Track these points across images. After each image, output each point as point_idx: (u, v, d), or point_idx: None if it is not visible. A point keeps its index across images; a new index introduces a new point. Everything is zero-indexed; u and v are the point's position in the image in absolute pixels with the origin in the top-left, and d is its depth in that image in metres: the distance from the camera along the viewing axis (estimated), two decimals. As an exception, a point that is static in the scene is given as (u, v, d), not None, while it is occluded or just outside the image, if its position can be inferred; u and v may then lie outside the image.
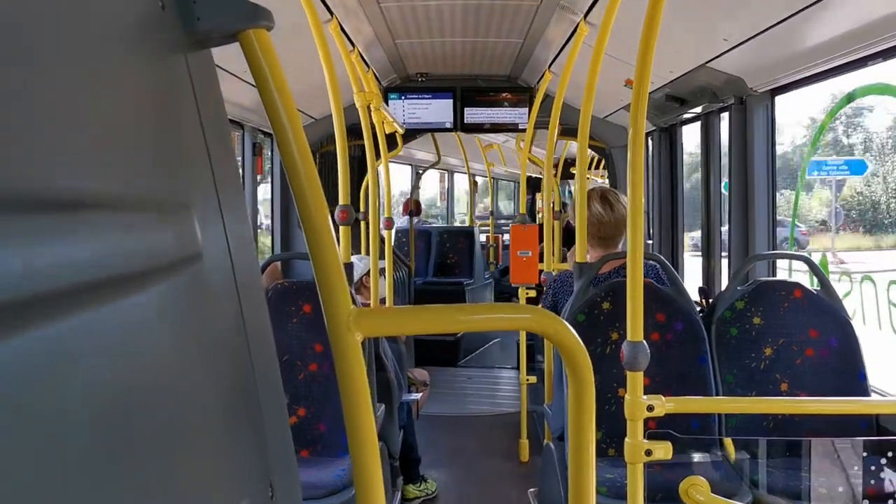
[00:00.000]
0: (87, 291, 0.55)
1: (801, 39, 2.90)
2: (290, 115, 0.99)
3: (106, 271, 0.59)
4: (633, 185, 1.93)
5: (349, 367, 1.01)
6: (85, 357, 0.55)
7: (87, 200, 0.60)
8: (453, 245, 8.51)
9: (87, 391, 0.55)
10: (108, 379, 0.59)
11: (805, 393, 2.80)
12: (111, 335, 0.61)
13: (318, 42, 2.77)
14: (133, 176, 0.72)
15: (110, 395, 0.58)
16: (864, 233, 7.33)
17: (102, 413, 0.56)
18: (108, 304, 0.60)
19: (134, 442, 0.62)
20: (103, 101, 0.67)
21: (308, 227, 1.00)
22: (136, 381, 0.65)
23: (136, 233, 0.70)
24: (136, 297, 0.66)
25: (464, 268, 8.42)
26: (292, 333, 2.98)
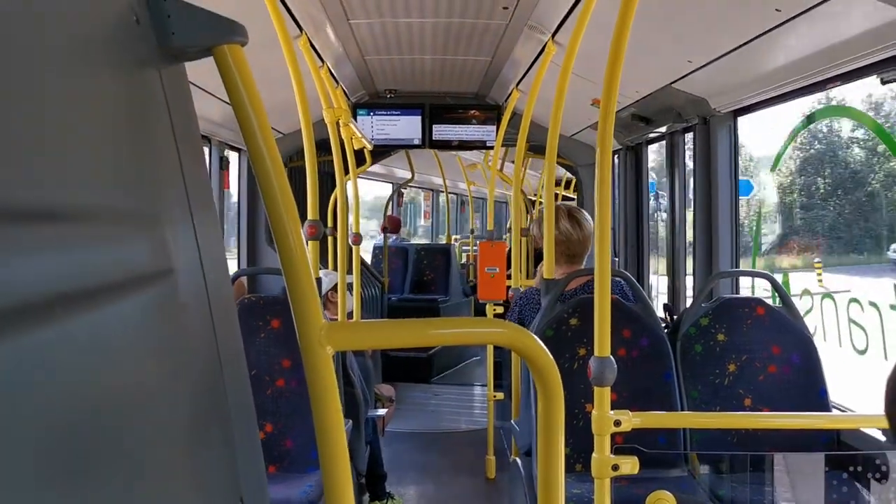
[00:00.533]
0: (56, 305, 0.55)
1: (762, 62, 2.97)
2: (263, 130, 0.99)
3: (76, 285, 0.59)
4: (600, 202, 1.95)
5: (321, 381, 1.01)
6: (52, 371, 0.54)
7: (58, 213, 0.59)
8: (430, 262, 8.51)
9: (55, 405, 0.54)
10: (77, 393, 0.58)
11: (768, 408, 2.84)
12: (81, 349, 0.60)
13: (288, 58, 2.77)
14: (105, 189, 0.72)
15: (78, 410, 0.58)
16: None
17: (70, 427, 0.56)
18: (78, 317, 0.59)
19: (102, 457, 0.61)
20: (76, 114, 0.67)
21: (281, 242, 1.00)
22: (106, 395, 0.64)
23: (108, 246, 0.69)
24: (106, 311, 0.66)
25: (440, 285, 8.41)
26: (260, 348, 2.96)
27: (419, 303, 7.97)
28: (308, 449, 2.93)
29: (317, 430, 1.01)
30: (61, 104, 0.64)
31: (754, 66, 3.04)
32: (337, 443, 1.01)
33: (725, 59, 2.97)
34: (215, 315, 0.97)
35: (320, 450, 1.00)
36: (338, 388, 3.08)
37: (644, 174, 5.11)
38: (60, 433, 0.54)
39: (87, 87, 0.71)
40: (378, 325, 1.06)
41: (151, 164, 0.86)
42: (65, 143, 0.64)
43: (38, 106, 0.58)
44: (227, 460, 0.95)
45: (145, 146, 0.86)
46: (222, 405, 0.96)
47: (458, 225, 17.81)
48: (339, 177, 3.79)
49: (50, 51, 0.63)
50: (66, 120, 0.64)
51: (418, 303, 7.98)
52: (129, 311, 0.71)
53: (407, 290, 8.44)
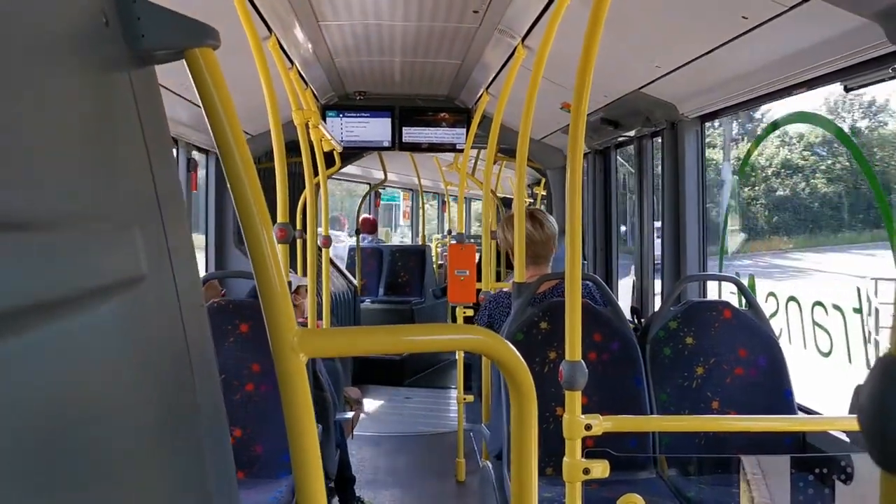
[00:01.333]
0: (22, 314, 0.54)
1: (729, 68, 3.01)
2: (235, 134, 0.98)
3: (45, 293, 0.57)
4: (571, 205, 1.96)
5: (293, 388, 1.00)
6: (20, 380, 0.53)
7: (24, 219, 0.58)
8: (405, 264, 8.46)
9: (22, 414, 0.53)
10: (45, 401, 0.57)
11: (735, 411, 2.88)
12: (49, 357, 0.59)
13: (258, 59, 2.75)
14: (73, 194, 0.70)
15: (46, 419, 0.57)
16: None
17: (38, 436, 0.54)
18: (45, 326, 0.58)
19: (70, 466, 0.60)
20: (42, 117, 0.66)
21: (253, 247, 0.99)
22: (75, 403, 0.63)
23: (77, 253, 0.68)
24: (75, 320, 0.65)
25: (414, 287, 8.38)
26: (229, 353, 2.92)
27: (393, 305, 7.93)
28: (278, 454, 2.90)
29: (290, 437, 1.00)
30: (26, 106, 0.62)
31: (721, 72, 3.08)
32: (310, 449, 1.00)
33: (693, 64, 3.01)
34: (186, 321, 0.96)
35: (293, 456, 1.00)
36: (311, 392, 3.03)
37: (613, 178, 5.15)
38: (27, 442, 0.53)
39: (53, 89, 0.69)
40: (352, 332, 1.06)
41: (121, 169, 0.84)
42: (31, 147, 0.62)
43: (1, 107, 0.57)
44: (198, 467, 0.94)
45: (114, 150, 0.84)
46: (193, 412, 0.95)
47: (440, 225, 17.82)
48: (308, 179, 3.77)
49: (15, 51, 0.61)
50: (32, 123, 0.63)
51: (392, 305, 7.94)
52: (99, 318, 0.70)
53: (381, 292, 8.40)
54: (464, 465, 4.82)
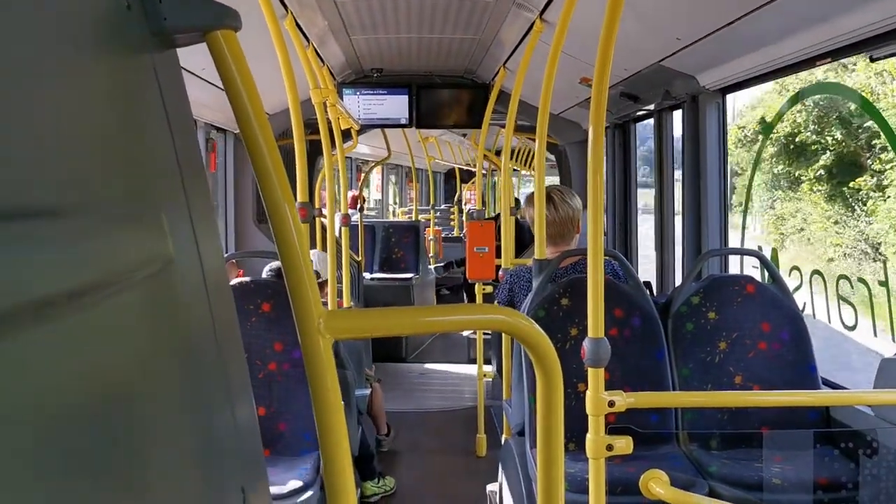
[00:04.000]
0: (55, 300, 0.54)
1: (750, 40, 2.96)
2: (257, 114, 0.98)
3: (75, 278, 0.58)
4: (593, 182, 1.94)
5: (320, 370, 1.00)
6: (57, 361, 0.54)
7: (51, 206, 0.58)
8: (399, 240, 8.44)
9: (59, 394, 0.53)
10: (81, 382, 0.58)
11: (758, 385, 2.86)
12: (83, 341, 0.60)
13: (275, 38, 2.74)
14: (100, 178, 0.71)
15: (82, 399, 0.57)
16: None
17: (74, 417, 0.55)
18: (76, 311, 0.59)
19: (106, 446, 0.61)
20: (67, 102, 0.66)
21: (278, 229, 0.99)
22: (109, 384, 0.63)
23: (106, 237, 0.68)
24: (106, 304, 0.65)
25: (409, 263, 8.36)
26: (251, 332, 2.94)
27: (392, 282, 7.92)
28: (301, 431, 2.93)
29: (316, 417, 1.00)
30: (52, 92, 0.62)
31: (743, 43, 3.03)
32: (336, 427, 1.01)
33: (715, 35, 2.96)
34: (213, 301, 0.96)
35: (320, 434, 1.00)
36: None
37: (632, 152, 5.11)
38: (64, 423, 0.53)
39: (77, 73, 0.69)
40: (377, 313, 1.06)
41: (147, 152, 0.84)
42: (57, 133, 0.62)
43: (27, 94, 0.57)
44: (228, 446, 0.95)
45: (140, 134, 0.84)
46: (222, 392, 0.96)
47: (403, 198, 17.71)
48: (326, 157, 3.77)
49: (39, 35, 0.61)
50: (58, 108, 0.63)
51: (391, 282, 7.93)
52: (129, 302, 0.70)
53: (376, 268, 8.40)
54: (485, 440, 4.85)
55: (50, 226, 0.55)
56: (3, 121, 0.52)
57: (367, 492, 4.11)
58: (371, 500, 4.14)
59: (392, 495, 4.26)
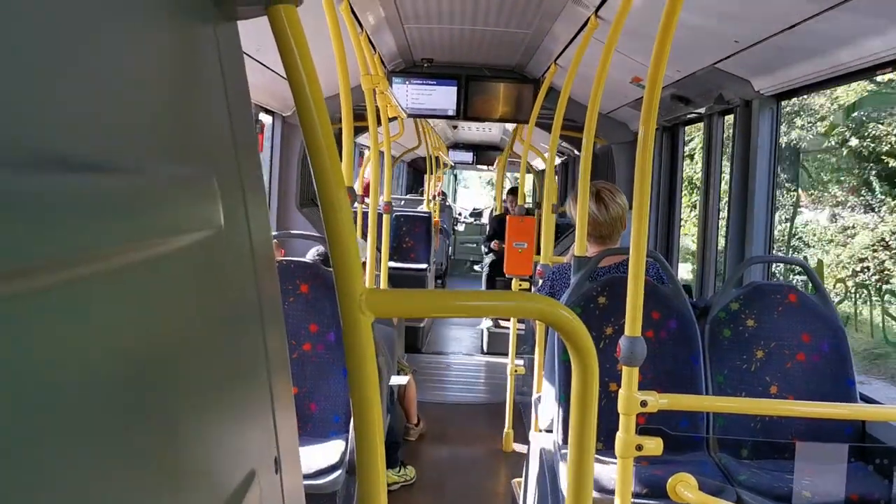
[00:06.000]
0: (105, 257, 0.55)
1: (810, 45, 2.91)
2: (315, 94, 0.99)
3: (126, 237, 0.59)
4: (640, 183, 1.93)
5: (359, 347, 1.02)
6: (106, 319, 0.55)
7: (109, 165, 0.60)
8: (409, 230, 8.39)
9: (107, 352, 0.55)
10: (127, 342, 0.59)
11: (794, 396, 2.82)
12: (132, 301, 0.62)
13: (330, 23, 2.76)
14: (155, 139, 0.72)
15: (121, 359, 0.59)
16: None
17: (112, 375, 0.57)
18: (127, 271, 0.60)
19: (147, 404, 0.63)
20: (127, 63, 0.67)
21: (326, 207, 1.01)
22: (151, 348, 0.65)
23: (162, 200, 0.70)
24: (152, 265, 0.67)
25: (420, 253, 8.34)
26: (288, 312, 2.98)
27: (407, 272, 7.91)
28: (331, 413, 2.97)
29: (352, 395, 1.02)
30: (112, 51, 0.64)
31: (802, 48, 2.98)
32: (372, 408, 1.01)
33: (773, 39, 2.92)
34: (259, 274, 0.98)
35: (355, 414, 1.01)
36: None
37: (679, 155, 5.06)
38: (102, 381, 0.55)
39: (139, 35, 0.71)
40: (416, 294, 1.07)
41: (202, 120, 0.86)
42: (116, 92, 0.64)
43: (89, 52, 0.59)
44: (266, 418, 0.97)
45: (196, 101, 0.86)
46: (262, 364, 0.98)
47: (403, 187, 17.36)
48: (373, 145, 3.79)
49: (106, 5, 0.63)
50: (118, 70, 0.65)
51: (406, 272, 7.91)
52: (176, 265, 0.72)
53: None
54: (511, 435, 4.85)
55: (103, 181, 0.57)
56: (68, 78, 0.54)
57: (387, 480, 4.13)
58: (391, 488, 4.17)
59: (412, 485, 4.28)
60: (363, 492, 1.04)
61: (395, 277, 7.71)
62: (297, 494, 1.08)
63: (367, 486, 1.04)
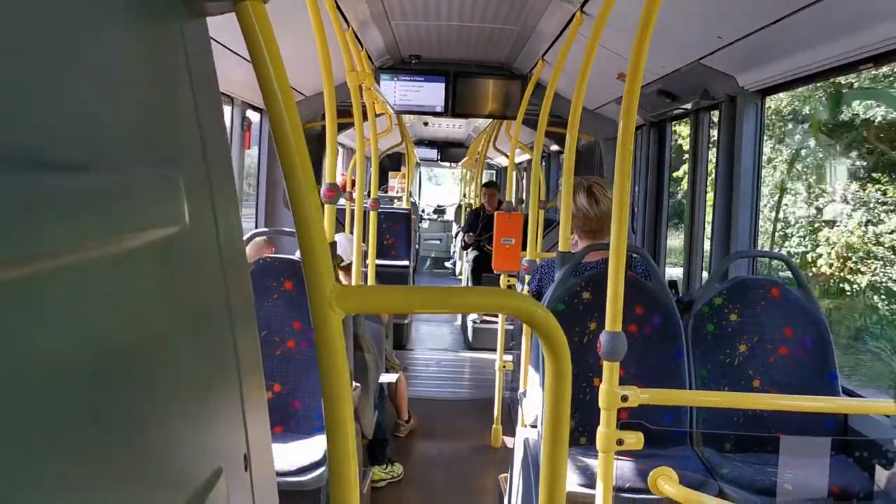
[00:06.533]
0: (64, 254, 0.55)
1: (793, 41, 2.92)
2: (283, 91, 0.99)
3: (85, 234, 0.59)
4: (620, 178, 1.94)
5: (329, 344, 1.01)
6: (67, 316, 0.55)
7: (69, 162, 0.59)
8: (389, 227, 8.35)
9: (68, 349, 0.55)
10: (81, 342, 0.59)
11: (776, 390, 2.83)
12: (93, 297, 0.61)
13: (313, 18, 2.75)
14: (119, 141, 0.72)
15: (84, 359, 0.59)
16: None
17: (79, 371, 0.56)
18: (88, 269, 0.60)
19: (108, 402, 0.62)
20: (93, 64, 0.67)
21: (296, 203, 1.00)
22: (113, 345, 0.65)
23: (122, 195, 0.70)
24: (117, 264, 0.66)
25: (400, 250, 8.32)
26: (272, 309, 2.98)
27: (389, 269, 7.88)
28: (315, 410, 2.96)
29: (323, 393, 1.01)
30: (76, 53, 0.64)
31: (785, 44, 2.99)
32: (342, 406, 1.01)
33: (757, 35, 2.92)
34: (227, 272, 0.98)
35: (326, 412, 1.01)
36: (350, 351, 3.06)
37: (666, 151, 5.07)
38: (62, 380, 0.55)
39: (102, 32, 0.71)
40: (390, 290, 1.06)
41: (168, 118, 0.86)
42: (77, 89, 0.64)
43: (52, 55, 0.58)
44: (235, 416, 0.96)
45: (162, 100, 0.86)
46: (231, 362, 0.98)
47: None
48: (359, 142, 3.78)
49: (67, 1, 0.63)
50: (82, 70, 0.64)
51: (388, 269, 7.89)
52: (137, 262, 0.72)
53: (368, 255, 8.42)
54: (500, 431, 4.86)
55: (62, 178, 0.56)
56: (28, 75, 0.53)
57: (374, 477, 4.13)
58: (378, 485, 4.16)
59: (399, 482, 4.28)
60: (335, 491, 1.03)
61: (379, 274, 7.71)
62: (268, 492, 1.08)
63: (340, 485, 1.03)
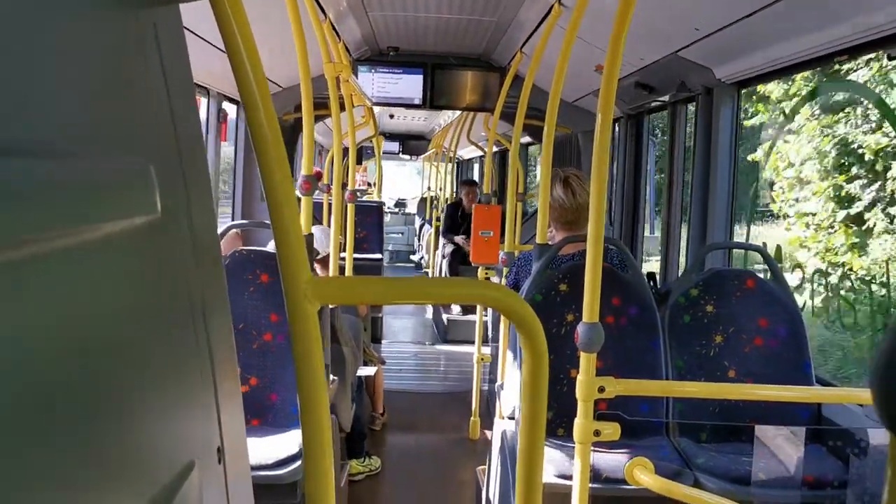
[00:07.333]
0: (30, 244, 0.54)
1: (769, 33, 2.94)
2: (258, 81, 0.98)
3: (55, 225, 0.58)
4: (597, 170, 1.94)
5: (305, 336, 1.00)
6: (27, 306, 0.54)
7: (34, 151, 0.58)
8: (361, 219, 8.32)
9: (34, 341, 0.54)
10: (50, 332, 0.58)
11: (752, 380, 2.86)
12: (60, 289, 0.60)
13: (290, 8, 2.73)
14: (87, 129, 0.71)
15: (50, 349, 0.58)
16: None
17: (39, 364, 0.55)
18: (57, 259, 0.59)
19: (71, 396, 0.61)
20: (61, 53, 0.66)
21: (270, 195, 0.99)
22: (77, 336, 0.64)
23: (89, 187, 0.69)
24: (86, 253, 0.65)
25: (373, 243, 8.30)
26: (248, 302, 2.96)
27: (363, 262, 7.86)
28: (292, 404, 2.95)
29: (298, 386, 1.00)
30: (44, 41, 0.62)
31: (761, 36, 3.01)
32: (318, 399, 1.00)
33: (733, 27, 2.94)
34: (200, 263, 0.97)
35: (301, 405, 1.00)
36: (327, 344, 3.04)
37: (644, 143, 5.09)
38: (32, 370, 0.54)
39: (72, 26, 0.69)
40: (366, 281, 1.06)
41: (139, 107, 0.84)
42: (49, 83, 0.63)
43: (18, 43, 0.57)
44: (208, 409, 0.95)
45: (134, 90, 0.84)
46: (204, 354, 0.97)
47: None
48: (335, 134, 3.76)
49: None
50: (50, 59, 0.63)
51: (362, 262, 7.86)
52: (106, 253, 0.71)
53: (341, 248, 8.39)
54: (478, 423, 4.87)
55: (30, 167, 0.55)
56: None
57: (352, 470, 4.13)
58: (355, 478, 4.16)
59: (376, 475, 4.28)
60: (311, 485, 1.02)
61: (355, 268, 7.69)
62: (243, 484, 1.07)
63: (315, 479, 1.02)
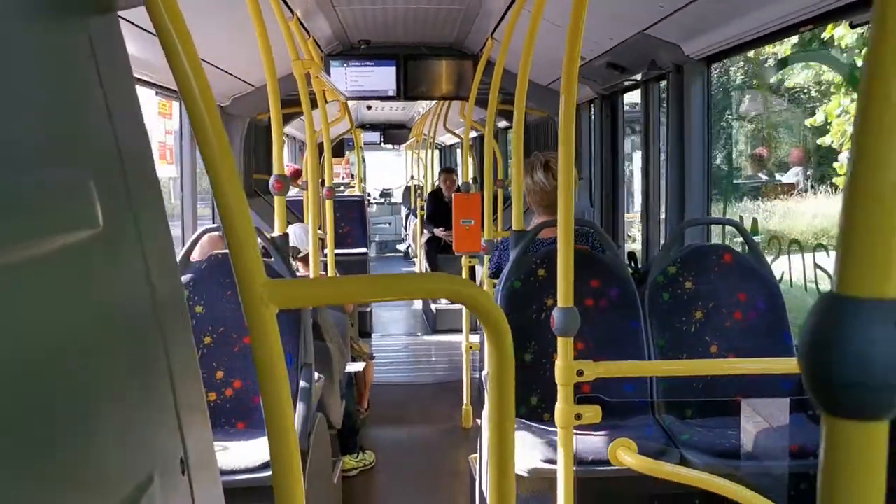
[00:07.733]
0: None
1: (734, 7, 2.93)
2: (198, 80, 0.96)
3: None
4: (564, 152, 1.94)
5: (265, 340, 0.98)
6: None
7: None
8: (344, 215, 8.23)
9: None
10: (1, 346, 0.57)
11: (734, 355, 2.87)
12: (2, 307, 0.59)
13: (251, 8, 2.70)
14: (19, 143, 0.69)
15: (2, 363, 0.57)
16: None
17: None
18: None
19: (14, 411, 0.60)
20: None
21: (219, 195, 0.97)
22: (20, 351, 0.63)
23: (23, 203, 0.67)
24: (23, 269, 0.64)
25: (356, 238, 8.27)
26: (227, 306, 2.93)
27: (348, 257, 7.84)
28: None
29: (261, 390, 0.97)
30: None
31: (726, 11, 3.00)
32: (281, 403, 0.97)
33: (698, 3, 2.93)
34: (152, 273, 0.95)
35: (265, 409, 0.97)
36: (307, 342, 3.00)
37: (620, 123, 5.08)
38: None
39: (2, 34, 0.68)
40: (324, 282, 1.05)
41: (72, 117, 0.83)
42: None
43: None
44: (167, 419, 0.94)
45: (68, 99, 0.83)
46: (162, 363, 0.95)
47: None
48: (308, 131, 3.74)
49: None
50: None
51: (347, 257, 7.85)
52: (47, 270, 0.69)
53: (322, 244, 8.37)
54: (470, 412, 4.87)
55: None
56: None
57: (345, 466, 4.12)
58: (350, 474, 4.16)
59: (371, 469, 4.28)
60: (280, 489, 1.00)
61: (338, 264, 7.66)
62: (211, 494, 1.06)
63: (284, 483, 1.00)
